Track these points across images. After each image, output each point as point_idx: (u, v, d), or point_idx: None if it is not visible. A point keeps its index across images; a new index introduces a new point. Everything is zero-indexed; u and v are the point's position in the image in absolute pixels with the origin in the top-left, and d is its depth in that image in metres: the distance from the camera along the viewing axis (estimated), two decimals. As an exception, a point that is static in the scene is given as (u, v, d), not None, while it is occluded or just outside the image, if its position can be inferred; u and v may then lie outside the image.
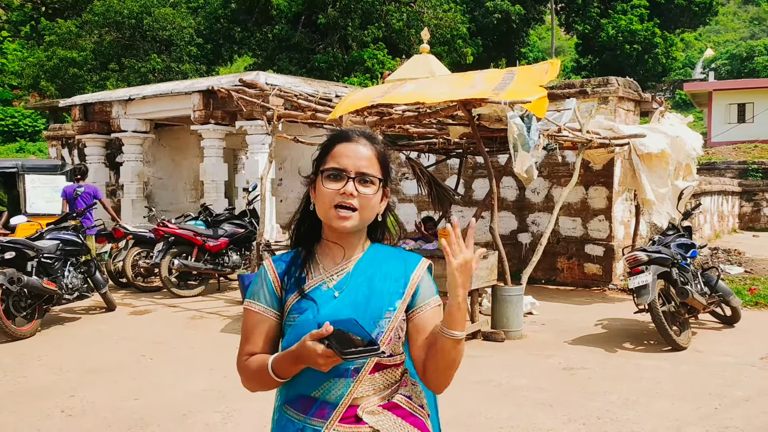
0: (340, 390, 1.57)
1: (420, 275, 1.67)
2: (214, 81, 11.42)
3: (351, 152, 1.62)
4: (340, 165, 1.60)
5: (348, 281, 1.64)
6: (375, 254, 1.69)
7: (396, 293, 1.63)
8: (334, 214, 1.59)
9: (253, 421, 4.35)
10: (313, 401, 1.59)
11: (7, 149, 28.75)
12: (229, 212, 9.73)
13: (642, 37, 31.20)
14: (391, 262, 1.68)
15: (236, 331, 6.92)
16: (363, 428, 1.57)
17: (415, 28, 26.96)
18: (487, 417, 4.43)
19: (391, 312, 1.61)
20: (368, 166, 1.62)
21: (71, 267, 7.20)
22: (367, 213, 1.62)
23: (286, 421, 1.63)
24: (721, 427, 4.23)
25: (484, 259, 6.56)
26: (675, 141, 8.35)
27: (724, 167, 20.33)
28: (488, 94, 5.91)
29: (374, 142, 1.67)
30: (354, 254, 1.67)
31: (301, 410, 1.60)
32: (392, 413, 1.61)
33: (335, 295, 1.61)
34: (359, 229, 1.66)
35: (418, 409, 1.66)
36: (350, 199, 1.58)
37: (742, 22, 55.05)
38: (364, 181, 1.60)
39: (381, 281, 1.64)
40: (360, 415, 1.57)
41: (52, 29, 28.60)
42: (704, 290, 6.51)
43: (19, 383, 5.23)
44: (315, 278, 1.65)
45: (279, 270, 1.68)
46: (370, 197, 1.61)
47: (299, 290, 1.63)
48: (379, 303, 1.61)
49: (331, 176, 1.60)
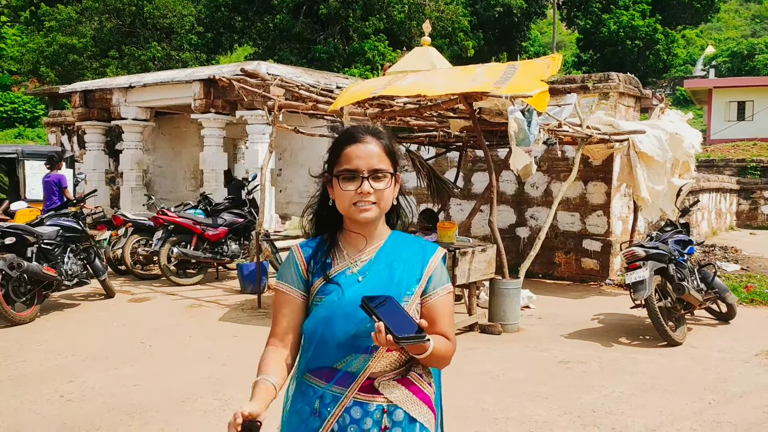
0: (360, 364, 1.73)
1: (436, 263, 1.83)
2: (215, 70, 11.41)
3: (361, 152, 1.74)
4: (352, 166, 1.73)
5: (371, 267, 1.79)
6: (395, 242, 1.84)
7: (413, 279, 1.79)
8: (355, 209, 1.74)
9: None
10: (335, 372, 1.74)
11: (6, 135, 28.67)
12: (229, 201, 9.73)
13: (643, 33, 31.16)
14: (409, 249, 1.83)
15: (234, 320, 6.95)
16: (378, 398, 1.74)
17: (416, 20, 26.88)
18: (483, 408, 4.47)
19: (409, 296, 1.76)
20: (379, 162, 1.75)
21: (71, 253, 7.21)
22: (384, 204, 1.77)
23: (307, 387, 1.78)
24: (715, 422, 4.27)
25: (483, 252, 6.59)
26: (674, 138, 8.37)
27: (723, 165, 20.37)
28: (490, 88, 5.93)
29: (380, 137, 1.79)
30: (375, 242, 1.82)
31: (324, 378, 1.76)
32: (406, 388, 1.77)
33: (359, 279, 1.77)
34: (379, 219, 1.81)
35: (427, 387, 1.82)
36: (368, 197, 1.73)
37: (744, 20, 54.97)
38: (378, 177, 1.74)
39: (401, 268, 1.79)
40: (377, 387, 1.74)
41: (52, 15, 28.46)
42: (701, 287, 6.55)
43: (18, 368, 5.26)
44: (340, 264, 1.80)
45: (306, 254, 1.84)
46: (385, 191, 1.75)
47: (325, 275, 1.78)
48: (398, 288, 1.76)
49: (346, 178, 1.74)
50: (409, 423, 1.76)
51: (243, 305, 7.60)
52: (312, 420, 1.75)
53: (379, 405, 1.74)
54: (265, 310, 7.36)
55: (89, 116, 13.23)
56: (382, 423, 1.73)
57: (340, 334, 1.72)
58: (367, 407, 1.73)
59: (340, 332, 1.72)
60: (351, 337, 1.71)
